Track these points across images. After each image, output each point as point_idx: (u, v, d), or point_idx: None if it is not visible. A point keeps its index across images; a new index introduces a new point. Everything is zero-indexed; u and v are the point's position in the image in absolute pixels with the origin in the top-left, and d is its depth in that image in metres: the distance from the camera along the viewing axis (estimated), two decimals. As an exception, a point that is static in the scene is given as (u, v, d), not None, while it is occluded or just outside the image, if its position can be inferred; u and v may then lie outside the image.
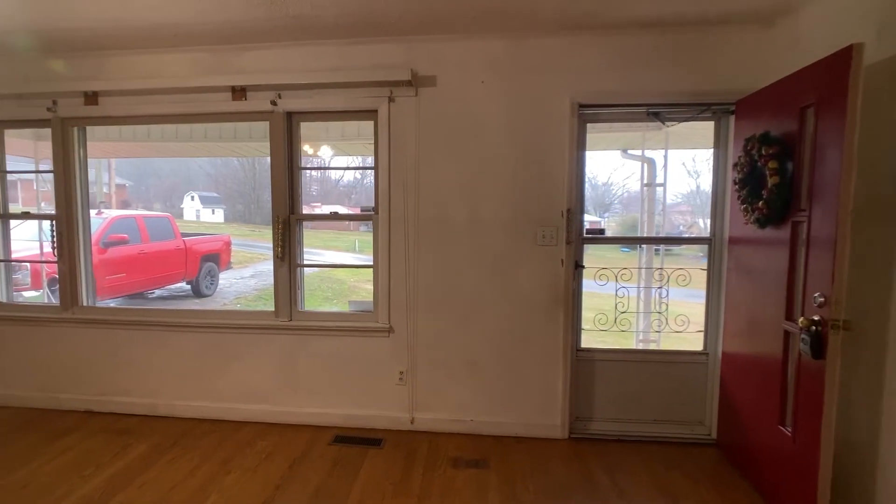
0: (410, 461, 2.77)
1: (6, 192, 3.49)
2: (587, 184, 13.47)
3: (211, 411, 3.28)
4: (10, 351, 3.47)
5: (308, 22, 2.70)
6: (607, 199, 17.65)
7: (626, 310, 3.32)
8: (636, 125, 4.09)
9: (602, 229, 3.36)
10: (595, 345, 3.26)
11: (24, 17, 2.62)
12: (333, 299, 8.64)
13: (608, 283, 3.24)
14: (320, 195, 17.06)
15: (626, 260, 4.76)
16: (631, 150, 5.35)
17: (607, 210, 17.67)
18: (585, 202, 3.20)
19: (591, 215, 15.95)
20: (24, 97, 3.21)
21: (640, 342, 4.65)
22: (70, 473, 2.60)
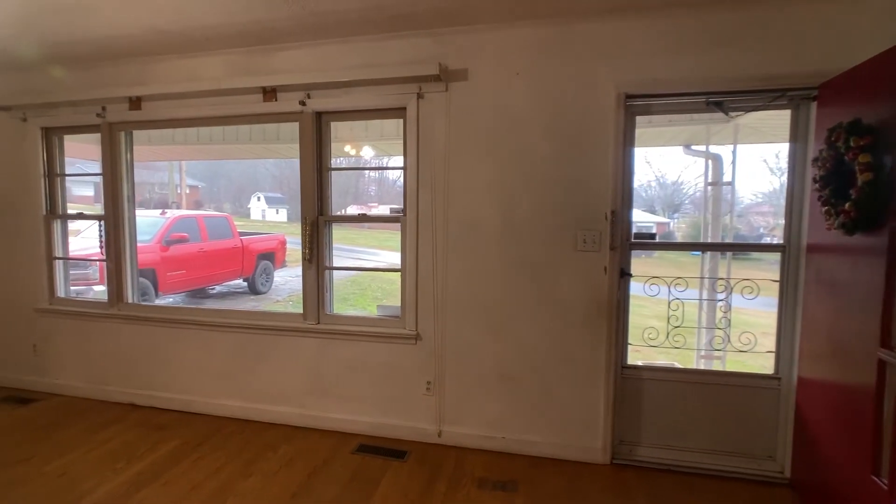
0: (433, 478, 2.61)
1: (65, 194, 3.72)
2: (655, 182, 12.54)
3: (241, 411, 3.30)
4: (65, 343, 3.69)
5: (332, 18, 2.62)
6: (677, 198, 16.60)
7: (681, 324, 2.96)
8: (699, 117, 3.69)
9: (653, 234, 3.02)
10: (643, 362, 2.93)
11: (72, 29, 2.72)
12: (383, 299, 8.66)
13: (660, 292, 2.91)
14: (377, 196, 17.35)
15: (698, 266, 4.33)
16: (695, 146, 4.89)
17: (677, 210, 16.62)
18: (654, 202, 2.88)
19: (659, 216, 15.05)
20: (78, 104, 3.39)
21: (702, 359, 4.21)
22: (104, 466, 2.68)
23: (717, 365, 4.19)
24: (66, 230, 3.75)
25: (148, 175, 13.66)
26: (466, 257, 2.89)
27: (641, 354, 4.45)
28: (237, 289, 8.42)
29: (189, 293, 7.38)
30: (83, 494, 2.42)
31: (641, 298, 2.96)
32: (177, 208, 9.56)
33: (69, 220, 3.74)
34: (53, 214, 3.67)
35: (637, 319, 2.95)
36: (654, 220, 13.24)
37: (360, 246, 13.21)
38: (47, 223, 3.65)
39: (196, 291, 7.50)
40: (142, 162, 10.16)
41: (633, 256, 2.87)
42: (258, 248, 8.27)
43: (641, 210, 12.52)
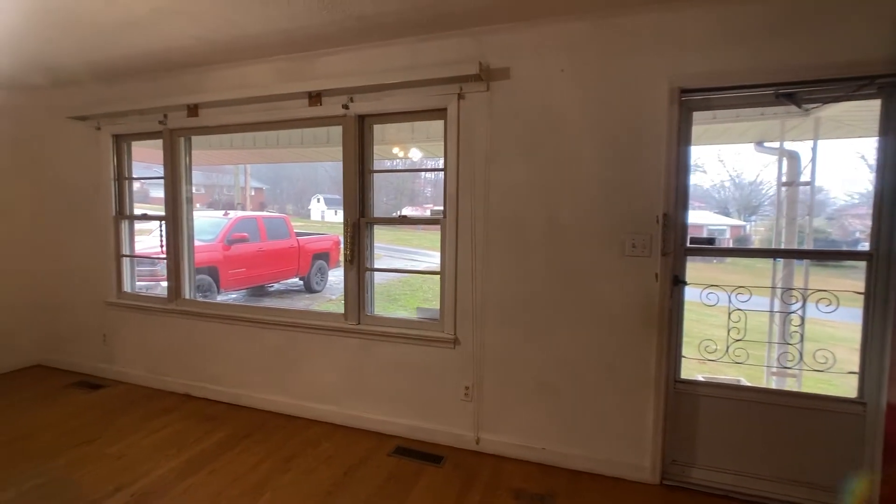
0: (468, 486, 2.55)
1: (132, 196, 3.99)
2: (730, 182, 11.57)
3: (285, 406, 3.39)
4: (130, 334, 3.96)
5: (372, 22, 2.62)
6: (755, 199, 15.35)
7: (744, 336, 2.71)
8: (770, 111, 3.39)
9: (711, 238, 2.80)
10: (705, 376, 2.71)
11: (137, 43, 2.90)
12: (433, 301, 8.69)
13: (719, 300, 2.67)
14: (433, 198, 17.47)
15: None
16: (768, 143, 4.51)
17: (754, 213, 15.38)
18: (728, 204, 2.67)
19: (733, 219, 14.03)
20: (144, 112, 3.62)
21: (773, 377, 3.87)
22: (157, 452, 2.84)
23: (790, 384, 3.83)
24: (132, 229, 4.04)
25: (217, 178, 14.58)
26: (507, 261, 2.80)
27: (707, 368, 4.14)
28: (293, 287, 8.74)
29: (249, 290, 7.75)
30: (137, 478, 2.57)
31: (703, 307, 2.73)
32: (242, 209, 10.10)
33: (136, 220, 4.02)
34: (121, 215, 3.96)
35: (699, 329, 2.73)
36: (728, 222, 12.28)
37: (414, 247, 13.34)
38: (116, 223, 3.94)
39: (255, 289, 7.86)
40: (209, 165, 10.82)
41: (702, 263, 2.66)
42: (313, 248, 8.55)
43: (713, 212, 11.66)
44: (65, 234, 4.17)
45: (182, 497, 2.41)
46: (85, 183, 4.01)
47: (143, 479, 2.57)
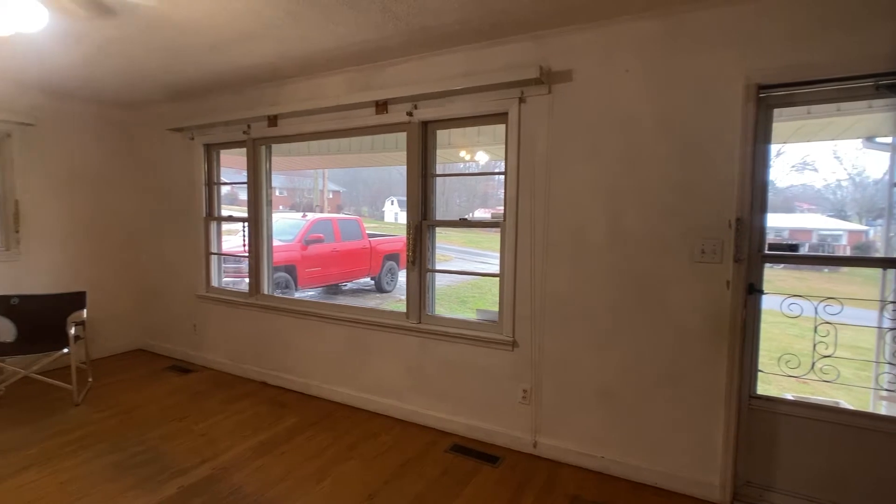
0: (523, 488, 2.56)
1: (220, 199, 4.39)
2: (849, 182, 10.40)
3: (350, 398, 3.56)
4: (216, 325, 4.35)
5: (435, 32, 2.72)
6: (881, 201, 13.52)
7: (834, 352, 2.49)
8: (878, 104, 3.09)
9: (794, 244, 2.59)
10: (796, 396, 2.51)
11: (224, 61, 3.20)
12: (499, 303, 8.64)
13: (804, 311, 2.47)
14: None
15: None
16: (880, 138, 4.07)
17: (879, 216, 13.51)
18: (845, 206, 2.48)
19: (852, 222, 12.55)
20: (230, 123, 3.96)
21: (883, 401, 3.48)
22: (236, 433, 3.11)
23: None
24: (220, 230, 4.43)
25: (299, 181, 15.52)
26: (567, 265, 2.77)
27: (811, 388, 3.80)
28: (365, 287, 9.09)
29: (324, 289, 8.17)
30: (218, 454, 2.84)
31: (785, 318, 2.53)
32: (319, 211, 10.66)
33: (223, 222, 4.41)
34: (211, 216, 4.36)
35: (787, 343, 2.54)
36: (845, 227, 10.97)
37: (484, 249, 13.38)
38: (206, 224, 4.35)
39: (330, 287, 8.28)
40: (291, 171, 11.54)
41: (809, 270, 2.46)
42: (385, 248, 8.86)
43: (827, 215, 10.45)
44: (164, 234, 4.67)
45: (256, 473, 2.63)
46: (180, 187, 4.47)
47: (223, 454, 2.83)
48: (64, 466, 2.69)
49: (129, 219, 4.85)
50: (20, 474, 2.61)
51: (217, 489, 2.49)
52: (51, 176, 4.27)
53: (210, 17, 2.53)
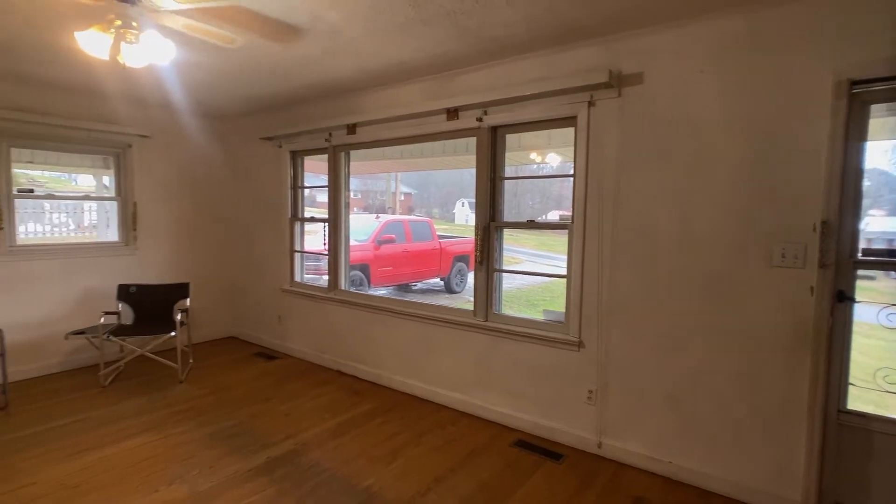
0: (586, 486, 2.59)
1: (304, 202, 4.76)
2: None
3: (419, 390, 3.74)
4: (298, 317, 4.71)
5: (505, 42, 2.83)
6: None
7: (935, 367, 2.30)
8: None
9: (894, 250, 2.43)
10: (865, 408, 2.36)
11: (310, 75, 3.49)
12: (568, 307, 8.53)
13: None
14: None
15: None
16: None
17: None
18: None
19: None
20: (313, 132, 4.29)
21: None
22: (315, 415, 3.39)
23: None
24: (303, 230, 4.81)
25: (372, 184, 16.16)
26: (636, 268, 2.76)
27: None
28: (435, 287, 9.32)
29: (395, 288, 8.49)
30: (300, 431, 3.12)
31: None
32: (392, 213, 11.07)
33: (306, 222, 4.78)
34: (295, 217, 4.74)
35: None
36: None
37: (557, 253, 13.20)
38: (291, 224, 4.73)
39: (400, 286, 8.59)
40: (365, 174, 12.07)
41: None
42: (454, 250, 9.04)
43: None
44: (254, 233, 5.13)
45: (333, 451, 2.87)
46: (269, 191, 4.89)
47: (305, 433, 3.10)
48: (173, 433, 3.08)
49: (225, 219, 5.37)
50: (139, 436, 3.03)
51: (299, 462, 2.75)
52: (161, 181, 4.84)
53: (300, 40, 2.80)
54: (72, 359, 4.34)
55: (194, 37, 2.45)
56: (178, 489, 2.47)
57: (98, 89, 4.07)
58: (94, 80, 3.76)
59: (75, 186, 9.40)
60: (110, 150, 4.57)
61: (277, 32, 2.65)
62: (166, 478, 2.57)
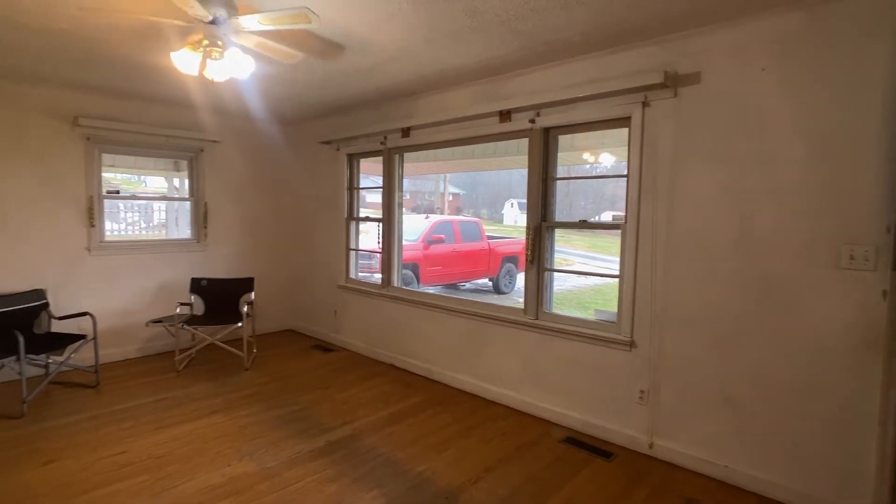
0: (636, 484, 2.60)
1: (359, 202, 4.97)
2: None
3: (469, 385, 3.83)
4: (352, 312, 4.93)
5: (558, 45, 2.88)
6: None
7: None
8: None
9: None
10: None
11: (368, 82, 3.67)
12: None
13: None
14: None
15: None
16: None
17: None
18: None
19: None
20: (369, 136, 4.49)
21: None
22: (369, 404, 3.56)
23: None
24: (358, 229, 5.02)
25: (421, 184, 16.41)
26: (690, 267, 2.74)
27: None
28: (483, 287, 9.38)
29: (443, 287, 8.64)
30: (356, 418, 3.30)
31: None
32: (440, 213, 11.23)
33: (360, 222, 4.99)
34: (350, 217, 4.96)
35: None
36: None
37: (611, 255, 12.93)
38: (347, 223, 4.96)
39: (449, 286, 8.72)
40: (415, 175, 12.30)
41: None
42: (503, 250, 9.07)
43: None
44: (313, 231, 5.40)
45: (387, 438, 3.02)
46: (328, 192, 5.13)
47: (361, 420, 3.28)
48: (241, 414, 3.33)
49: (286, 218, 5.68)
50: (210, 416, 3.29)
51: (356, 446, 2.91)
52: (228, 182, 5.19)
53: (361, 51, 2.96)
54: (149, 345, 4.73)
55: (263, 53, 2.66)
56: (248, 464, 2.68)
57: (177, 99, 4.43)
58: (174, 91, 4.10)
59: (144, 188, 10.18)
60: (185, 154, 4.96)
61: (333, 50, 2.82)
62: (237, 454, 2.80)
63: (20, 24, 2.64)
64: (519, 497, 2.45)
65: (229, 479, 2.54)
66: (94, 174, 4.35)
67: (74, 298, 4.22)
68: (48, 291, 4.04)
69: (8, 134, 3.88)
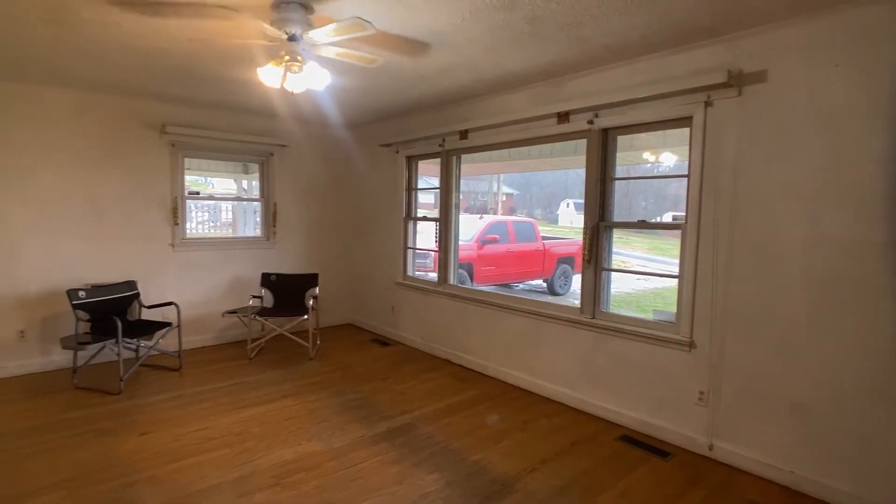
0: (694, 484, 2.59)
1: (416, 203, 5.15)
2: None
3: (523, 382, 3.90)
4: (409, 308, 5.12)
5: (617, 48, 2.90)
6: None
7: None
8: None
9: None
10: None
11: (428, 86, 3.82)
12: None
13: None
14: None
15: None
16: None
17: None
18: None
19: None
20: (428, 138, 4.65)
21: None
22: (425, 396, 3.72)
23: None
24: (415, 228, 5.21)
25: (474, 185, 16.46)
26: (755, 269, 2.68)
27: None
28: (537, 289, 9.34)
29: (497, 287, 8.69)
30: (414, 409, 3.47)
31: None
32: (493, 214, 11.25)
33: (418, 221, 5.17)
34: (408, 217, 5.15)
35: None
36: None
37: (673, 257, 12.40)
38: (405, 223, 5.16)
39: (502, 286, 8.76)
40: (468, 176, 12.40)
41: None
42: (559, 251, 8.98)
43: None
44: (372, 230, 5.65)
45: (444, 427, 3.17)
46: (387, 192, 5.36)
47: (418, 410, 3.43)
48: (309, 399, 3.58)
49: (347, 217, 5.97)
50: (281, 400, 3.56)
51: (414, 433, 3.07)
52: (294, 184, 5.52)
53: (425, 58, 3.11)
54: (224, 334, 5.13)
55: (338, 60, 2.85)
56: (317, 444, 2.89)
57: (252, 107, 4.78)
58: (251, 100, 4.43)
59: (211, 189, 10.92)
60: (257, 158, 5.33)
61: (411, 49, 2.97)
62: (306, 435, 3.02)
63: (126, 45, 2.98)
64: (573, 489, 2.51)
65: (301, 456, 2.76)
66: (178, 177, 4.77)
67: (160, 289, 4.65)
68: (138, 282, 4.48)
69: (106, 142, 4.35)
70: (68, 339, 3.83)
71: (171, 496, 2.37)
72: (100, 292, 4.11)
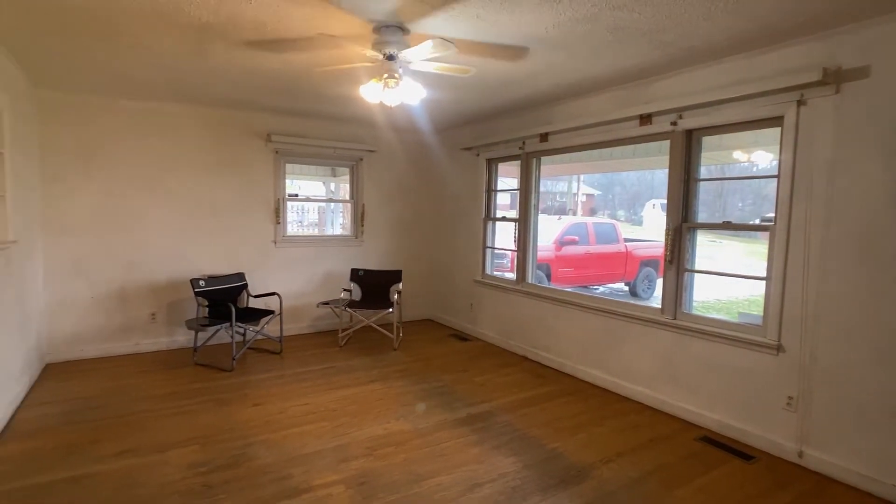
0: (780, 489, 2.55)
1: (495, 204, 5.32)
2: None
3: (601, 381, 3.94)
4: (487, 305, 5.30)
5: (701, 50, 2.90)
6: None
7: None
8: None
9: None
10: None
11: (508, 92, 3.97)
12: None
13: None
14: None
15: None
16: None
17: None
18: None
19: None
20: (509, 142, 4.81)
21: None
22: (504, 388, 3.89)
23: None
24: (494, 228, 5.39)
25: (552, 185, 16.16)
26: (852, 272, 2.57)
27: None
28: (618, 292, 9.08)
29: (575, 289, 8.59)
30: (493, 399, 3.65)
31: None
32: (572, 215, 11.06)
33: (497, 222, 5.34)
34: (487, 217, 5.35)
35: None
36: None
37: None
38: (484, 223, 5.35)
39: (580, 289, 8.65)
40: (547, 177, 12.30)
41: None
42: (642, 254, 8.68)
43: None
44: (452, 230, 5.91)
45: (522, 418, 3.32)
46: (468, 194, 5.58)
47: (497, 400, 3.61)
48: (394, 385, 3.88)
49: (429, 218, 6.28)
50: (370, 384, 3.90)
51: (493, 420, 3.25)
52: (381, 186, 5.92)
53: (508, 67, 3.28)
54: (317, 323, 5.62)
55: (430, 73, 3.09)
56: (404, 424, 3.17)
57: (347, 117, 5.21)
58: (348, 111, 4.86)
59: (299, 190, 11.79)
60: (348, 163, 5.78)
61: (502, 54, 3.15)
62: (394, 415, 3.31)
63: (247, 68, 3.45)
64: (649, 480, 2.57)
65: (390, 432, 3.05)
66: (280, 181, 5.31)
67: (263, 281, 5.21)
68: (245, 274, 5.06)
69: (221, 150, 4.97)
70: (192, 322, 4.44)
71: (283, 457, 2.74)
72: (216, 282, 4.70)
